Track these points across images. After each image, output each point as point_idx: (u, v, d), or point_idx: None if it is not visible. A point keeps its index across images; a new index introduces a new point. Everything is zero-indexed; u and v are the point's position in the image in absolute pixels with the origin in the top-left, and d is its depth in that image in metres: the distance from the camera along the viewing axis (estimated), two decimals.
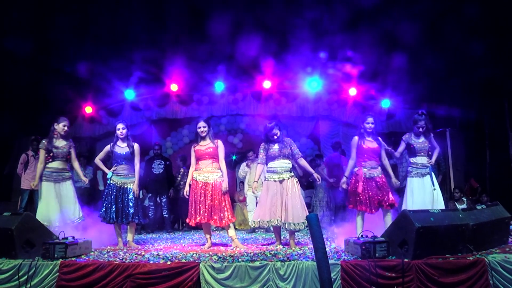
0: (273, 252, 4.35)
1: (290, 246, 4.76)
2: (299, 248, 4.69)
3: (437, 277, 3.53)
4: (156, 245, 5.41)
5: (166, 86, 9.06)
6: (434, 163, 5.37)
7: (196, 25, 8.22)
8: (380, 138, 5.14)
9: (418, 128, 5.11)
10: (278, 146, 4.94)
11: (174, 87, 9.02)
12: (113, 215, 5.03)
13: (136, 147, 5.25)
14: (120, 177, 5.15)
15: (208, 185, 4.93)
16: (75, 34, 8.00)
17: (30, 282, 3.73)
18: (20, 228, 4.06)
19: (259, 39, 7.87)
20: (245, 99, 9.32)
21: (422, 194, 5.00)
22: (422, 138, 5.16)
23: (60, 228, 4.56)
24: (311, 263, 3.64)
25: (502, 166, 7.83)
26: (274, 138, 4.95)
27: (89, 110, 9.17)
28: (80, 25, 7.93)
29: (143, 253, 4.45)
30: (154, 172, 7.68)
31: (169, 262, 3.79)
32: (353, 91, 8.95)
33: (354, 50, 8.25)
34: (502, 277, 3.56)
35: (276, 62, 8.43)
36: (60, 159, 5.10)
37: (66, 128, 5.17)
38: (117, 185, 5.12)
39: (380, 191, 4.82)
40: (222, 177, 4.99)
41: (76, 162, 5.33)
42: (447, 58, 7.79)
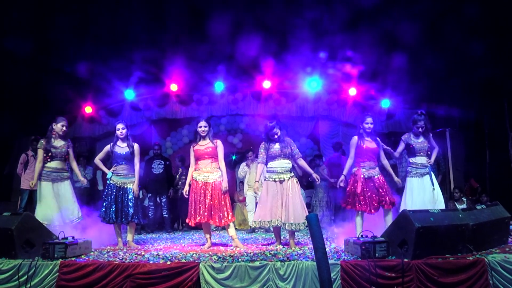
0: (273, 252, 4.34)
1: (290, 246, 4.75)
2: (299, 248, 4.69)
3: (437, 277, 3.53)
4: (156, 245, 5.41)
5: (166, 86, 9.06)
6: (433, 163, 5.37)
7: (196, 25, 8.22)
8: (378, 139, 5.14)
9: (418, 128, 5.11)
10: (279, 146, 4.93)
11: (174, 87, 9.02)
12: (112, 215, 5.03)
13: (136, 147, 5.24)
14: (120, 177, 5.15)
15: (208, 184, 4.93)
16: (75, 34, 8.00)
17: (30, 282, 3.72)
18: (20, 228, 4.06)
19: (259, 39, 7.87)
20: (245, 99, 9.32)
21: (421, 194, 5.00)
22: (421, 138, 5.16)
23: (58, 227, 4.57)
24: (311, 263, 3.64)
25: (502, 166, 7.83)
26: (275, 137, 4.94)
27: (89, 110, 9.18)
28: (80, 25, 7.92)
29: (143, 253, 4.45)
30: (154, 172, 7.67)
31: (169, 262, 3.79)
32: (353, 91, 8.95)
33: (354, 50, 8.24)
34: (502, 277, 3.56)
35: (276, 62, 8.43)
36: (58, 159, 5.10)
37: (64, 128, 5.17)
38: (117, 185, 5.12)
39: (379, 191, 4.82)
40: (222, 176, 4.99)
41: (74, 162, 5.32)
42: (447, 58, 7.78)
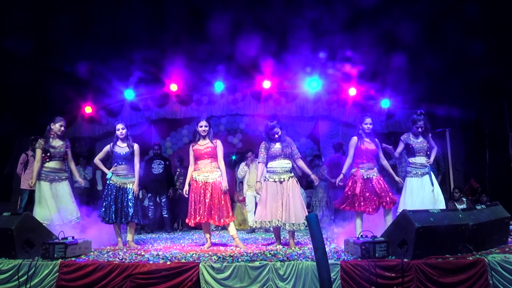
0: (272, 252, 4.34)
1: (290, 246, 4.75)
2: (299, 248, 4.68)
3: (436, 277, 3.53)
4: (155, 245, 5.41)
5: (166, 86, 9.06)
6: (433, 163, 5.37)
7: (196, 25, 8.22)
8: (377, 140, 5.14)
9: (417, 128, 5.10)
10: (280, 146, 4.91)
11: (173, 87, 9.01)
12: (112, 215, 5.03)
13: (135, 147, 5.24)
14: (119, 177, 5.14)
15: (208, 184, 4.92)
16: (75, 34, 8.00)
17: (30, 282, 3.72)
18: (19, 228, 4.06)
19: (259, 39, 7.87)
20: (244, 99, 9.31)
21: (421, 194, 5.00)
22: (420, 138, 5.15)
23: (57, 227, 4.56)
24: (311, 263, 3.64)
25: (502, 166, 7.82)
26: (275, 137, 4.92)
27: (88, 110, 9.18)
28: (80, 25, 7.93)
29: (143, 253, 4.45)
30: (153, 172, 7.67)
31: (168, 262, 3.79)
32: (352, 91, 8.94)
33: (353, 50, 8.24)
34: (502, 277, 3.56)
35: (275, 62, 8.42)
36: (57, 159, 5.09)
37: (63, 128, 5.15)
38: (116, 185, 5.11)
39: (378, 192, 4.83)
40: (221, 176, 4.99)
41: (72, 162, 5.32)
42: (447, 58, 7.78)
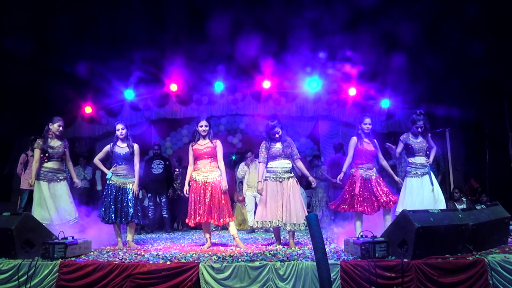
0: (272, 252, 4.34)
1: (290, 246, 4.75)
2: (299, 248, 4.68)
3: (436, 277, 3.53)
4: (155, 245, 5.41)
5: (166, 86, 9.06)
6: (433, 163, 5.36)
7: (196, 25, 8.22)
8: (375, 140, 5.14)
9: (417, 128, 5.09)
10: (281, 146, 4.90)
11: (173, 87, 9.01)
12: (112, 215, 5.02)
13: (135, 148, 5.24)
14: (119, 177, 5.14)
15: (207, 184, 4.92)
16: (75, 34, 8.00)
17: (30, 282, 3.72)
18: (19, 228, 4.06)
19: (259, 39, 7.87)
20: (244, 99, 9.31)
21: (421, 194, 4.99)
22: (420, 138, 5.14)
23: (55, 227, 4.56)
24: (311, 263, 3.64)
25: (502, 166, 7.82)
26: (276, 136, 4.91)
27: (88, 110, 9.18)
28: (80, 25, 7.93)
29: (143, 253, 4.45)
30: (153, 172, 7.67)
31: (168, 262, 3.79)
32: (352, 91, 8.94)
33: (353, 50, 8.24)
34: (502, 277, 3.56)
35: (275, 62, 8.42)
36: (55, 160, 5.09)
37: (61, 128, 5.14)
38: (116, 185, 5.11)
39: (377, 192, 4.82)
40: (221, 176, 4.99)
41: (70, 163, 5.31)
42: (447, 58, 7.78)
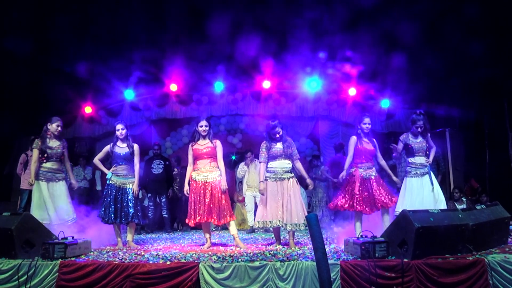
0: (272, 252, 4.34)
1: (290, 246, 4.74)
2: (299, 248, 4.68)
3: (436, 277, 3.53)
4: (155, 245, 5.40)
5: (166, 86, 9.07)
6: (433, 163, 5.36)
7: (196, 25, 8.22)
8: (374, 140, 5.14)
9: (417, 128, 5.08)
10: (282, 146, 4.89)
11: (173, 87, 9.02)
12: (112, 216, 5.02)
13: (135, 148, 5.23)
14: (119, 177, 5.14)
15: (207, 184, 4.92)
16: (75, 34, 8.00)
17: (29, 282, 3.72)
18: (19, 228, 4.06)
19: (259, 39, 7.88)
20: (244, 99, 9.32)
21: (421, 194, 4.99)
22: (420, 138, 5.13)
23: (53, 227, 4.55)
24: (311, 263, 3.64)
25: (502, 166, 7.82)
26: (276, 136, 4.90)
27: (88, 110, 9.18)
28: (80, 25, 7.93)
29: (143, 253, 4.45)
30: (153, 172, 7.67)
31: (168, 262, 3.79)
32: (352, 91, 8.95)
33: (353, 50, 8.25)
34: (502, 277, 3.56)
35: (275, 62, 8.43)
36: (54, 160, 5.08)
37: (60, 128, 5.13)
38: (116, 185, 5.11)
39: (376, 191, 4.83)
40: (221, 176, 4.98)
41: (68, 163, 5.31)
42: (447, 58, 7.78)
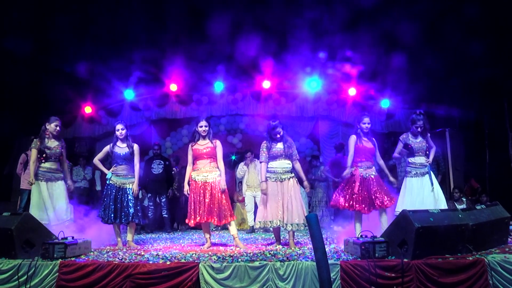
0: (272, 252, 4.34)
1: (290, 246, 4.74)
2: (299, 248, 4.68)
3: (436, 277, 3.53)
4: (155, 245, 5.40)
5: (166, 86, 9.06)
6: (433, 163, 5.36)
7: (196, 25, 8.22)
8: (374, 139, 5.14)
9: (416, 128, 5.09)
10: (283, 146, 4.89)
11: (173, 87, 9.02)
12: (111, 216, 5.02)
13: (135, 148, 5.23)
14: (119, 177, 5.14)
15: (207, 184, 4.92)
16: (75, 34, 8.00)
17: (29, 282, 3.72)
18: (19, 228, 4.06)
19: (259, 39, 7.88)
20: (244, 99, 9.32)
21: (421, 193, 4.99)
22: (419, 138, 5.14)
23: (53, 227, 4.55)
24: (311, 263, 3.64)
25: (502, 166, 7.82)
26: (277, 137, 4.90)
27: (88, 110, 9.18)
28: (80, 25, 7.94)
29: (143, 253, 4.45)
30: (153, 172, 7.66)
31: (168, 262, 3.79)
32: (352, 91, 8.95)
33: (353, 50, 8.25)
34: (502, 277, 3.56)
35: (275, 62, 8.43)
36: (53, 160, 5.07)
37: (58, 128, 5.12)
38: (116, 185, 5.11)
39: (376, 191, 4.82)
40: (220, 176, 4.98)
41: (65, 164, 5.31)
42: (447, 58, 7.78)
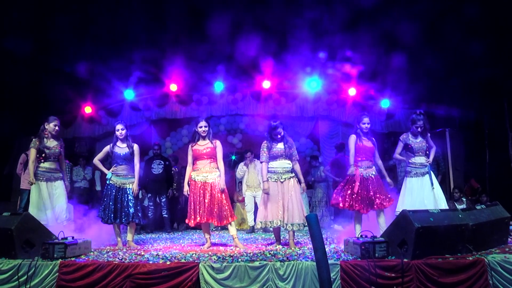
0: (272, 252, 4.34)
1: (290, 246, 4.74)
2: (299, 248, 4.68)
3: (436, 277, 3.53)
4: (155, 245, 5.40)
5: (166, 86, 9.06)
6: (433, 163, 5.36)
7: (196, 25, 8.22)
8: (374, 139, 5.14)
9: (417, 128, 5.09)
10: (283, 146, 4.90)
11: (173, 87, 9.02)
12: (111, 216, 5.02)
13: (135, 148, 5.23)
14: (119, 177, 5.14)
15: (207, 184, 4.92)
16: (75, 34, 8.00)
17: (30, 282, 3.72)
18: (19, 228, 4.06)
19: (259, 39, 7.88)
20: (244, 99, 9.32)
21: (421, 193, 5.00)
22: (419, 138, 5.14)
23: (49, 227, 4.55)
24: (311, 263, 3.64)
25: (502, 166, 7.82)
26: (278, 137, 4.92)
27: (88, 110, 9.18)
28: (80, 25, 7.93)
29: (143, 253, 4.45)
30: (153, 172, 7.66)
31: (168, 262, 3.79)
32: (352, 91, 8.94)
33: (353, 50, 8.25)
34: (502, 277, 3.56)
35: (275, 62, 8.43)
36: (52, 160, 5.07)
37: (57, 127, 5.12)
38: (116, 185, 5.11)
39: (375, 191, 4.83)
40: (220, 176, 4.98)
41: (64, 164, 5.32)
42: (447, 58, 7.78)
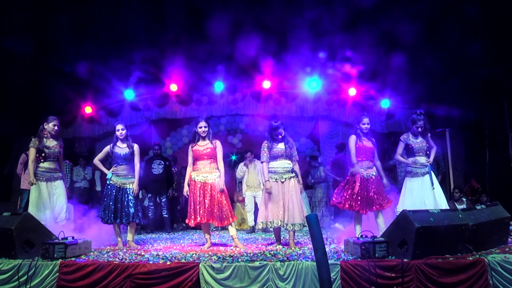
0: (272, 252, 4.34)
1: (290, 246, 4.75)
2: (299, 248, 4.68)
3: (436, 277, 3.53)
4: (155, 245, 5.41)
5: (166, 86, 9.06)
6: (433, 163, 5.37)
7: (196, 25, 8.22)
8: (373, 139, 5.14)
9: (417, 128, 5.09)
10: (284, 146, 4.91)
11: (173, 87, 9.02)
12: (111, 216, 5.03)
13: (135, 148, 5.24)
14: (119, 177, 5.14)
15: (207, 185, 4.92)
16: (75, 34, 8.00)
17: (30, 282, 3.72)
18: (19, 228, 4.06)
19: (259, 39, 7.88)
20: (244, 99, 9.32)
21: (421, 193, 5.00)
22: (420, 138, 5.14)
23: (53, 227, 4.55)
24: (311, 263, 3.64)
25: (502, 166, 7.82)
26: (279, 137, 4.93)
27: (88, 110, 9.18)
28: (80, 25, 7.93)
29: (143, 253, 4.45)
30: (153, 172, 7.66)
31: (168, 262, 3.79)
32: (352, 91, 8.94)
33: (353, 50, 8.25)
34: (502, 277, 3.56)
35: (275, 62, 8.43)
36: (51, 160, 5.07)
37: (56, 127, 5.12)
38: (116, 185, 5.11)
39: (376, 192, 4.83)
40: (220, 176, 4.98)
41: (63, 164, 5.32)
42: (447, 58, 7.78)
